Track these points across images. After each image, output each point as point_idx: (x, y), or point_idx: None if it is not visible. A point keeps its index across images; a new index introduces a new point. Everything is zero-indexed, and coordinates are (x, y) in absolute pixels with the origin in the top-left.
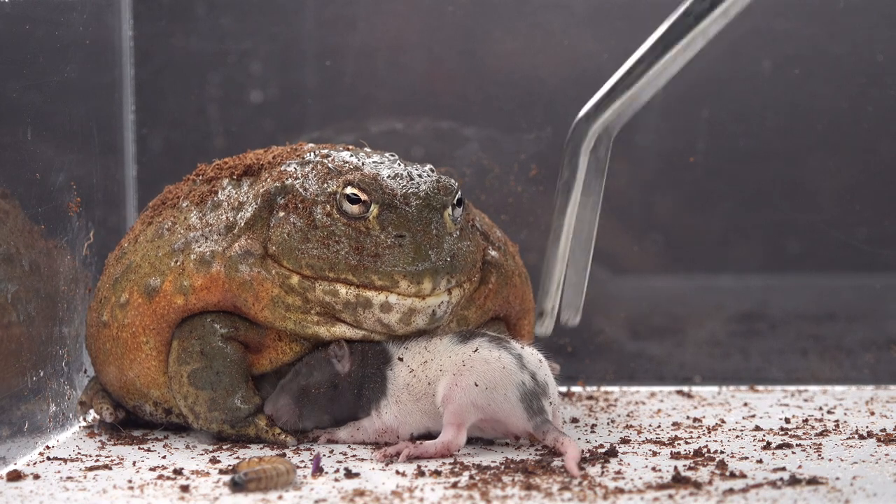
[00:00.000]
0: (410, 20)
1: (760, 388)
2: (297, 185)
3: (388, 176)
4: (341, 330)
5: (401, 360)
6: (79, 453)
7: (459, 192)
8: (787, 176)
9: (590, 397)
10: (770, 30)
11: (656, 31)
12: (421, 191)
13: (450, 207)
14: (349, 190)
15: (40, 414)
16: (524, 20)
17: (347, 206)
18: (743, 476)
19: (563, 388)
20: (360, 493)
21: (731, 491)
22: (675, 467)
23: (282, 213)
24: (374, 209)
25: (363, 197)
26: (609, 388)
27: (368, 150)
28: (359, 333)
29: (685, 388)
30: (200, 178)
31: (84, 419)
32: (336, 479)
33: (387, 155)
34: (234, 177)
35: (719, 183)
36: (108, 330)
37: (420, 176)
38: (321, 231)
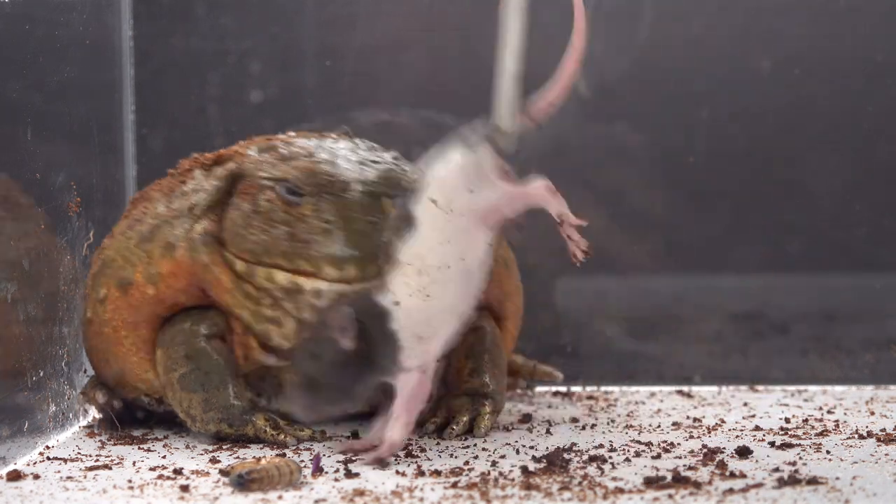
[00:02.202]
0: (410, 20)
1: (760, 388)
2: (253, 170)
3: (333, 163)
4: (287, 331)
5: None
6: (79, 453)
7: (405, 182)
8: (787, 176)
9: (590, 397)
10: (770, 30)
11: None
12: (362, 179)
13: (392, 198)
14: (289, 175)
15: (40, 414)
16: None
17: (286, 192)
18: (743, 476)
19: (563, 388)
20: (360, 493)
21: (730, 491)
22: (675, 467)
23: (237, 199)
24: (309, 195)
25: (300, 183)
26: (609, 388)
27: (347, 137)
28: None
29: (685, 388)
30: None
31: (85, 410)
32: (336, 479)
33: (360, 142)
34: (205, 167)
35: (719, 183)
36: (93, 326)
37: (371, 163)
38: (262, 216)
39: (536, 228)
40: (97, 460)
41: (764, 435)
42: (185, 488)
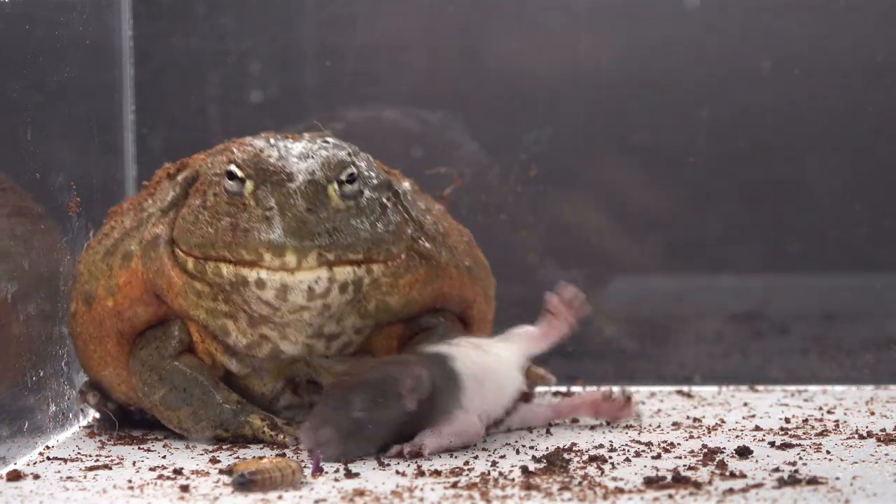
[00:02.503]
0: (410, 20)
1: (760, 388)
2: (205, 170)
3: (276, 154)
4: (243, 326)
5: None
6: (79, 453)
7: (352, 168)
8: (787, 176)
9: None
10: (770, 30)
11: None
12: (303, 167)
13: (335, 183)
14: (229, 167)
15: (40, 414)
16: (524, 20)
17: (227, 184)
18: (743, 476)
19: (563, 388)
20: (360, 493)
21: (730, 491)
22: (675, 467)
23: (190, 199)
24: (249, 185)
25: (240, 173)
26: (609, 388)
27: (319, 135)
28: (260, 332)
29: (685, 388)
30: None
31: (84, 410)
32: (336, 479)
33: (320, 140)
34: (171, 175)
35: (719, 183)
36: (72, 339)
37: (312, 152)
38: (209, 211)
39: (537, 228)
40: (97, 460)
41: (764, 435)
42: (185, 488)
